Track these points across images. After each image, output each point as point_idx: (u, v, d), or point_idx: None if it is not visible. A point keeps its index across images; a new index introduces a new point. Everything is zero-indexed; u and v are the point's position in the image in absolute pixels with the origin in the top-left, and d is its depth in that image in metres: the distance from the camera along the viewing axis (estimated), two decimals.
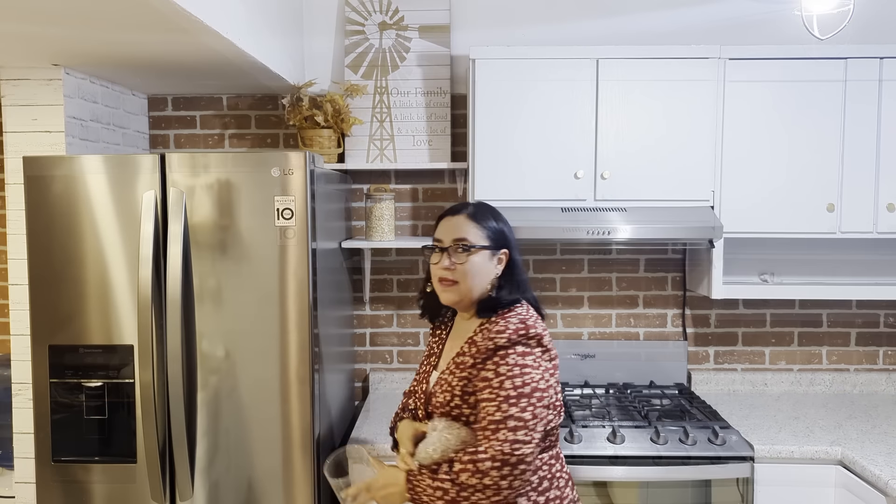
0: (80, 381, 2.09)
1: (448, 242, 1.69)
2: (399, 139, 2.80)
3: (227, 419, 2.08)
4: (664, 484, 2.23)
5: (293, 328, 2.07)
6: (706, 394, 2.82)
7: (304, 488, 2.08)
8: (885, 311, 2.87)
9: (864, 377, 2.85)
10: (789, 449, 2.22)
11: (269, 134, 2.90)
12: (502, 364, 1.57)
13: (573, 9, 2.80)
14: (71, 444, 2.10)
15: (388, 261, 2.91)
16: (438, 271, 1.70)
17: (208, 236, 2.06)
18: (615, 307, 2.90)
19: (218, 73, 2.46)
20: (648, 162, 2.49)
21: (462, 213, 1.73)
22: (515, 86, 2.48)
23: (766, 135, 2.50)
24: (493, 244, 1.70)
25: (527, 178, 2.50)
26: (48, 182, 2.07)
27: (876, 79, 2.46)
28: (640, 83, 2.48)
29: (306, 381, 2.08)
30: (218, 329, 2.07)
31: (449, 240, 1.70)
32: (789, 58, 2.48)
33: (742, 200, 2.50)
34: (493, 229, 1.71)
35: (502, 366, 1.57)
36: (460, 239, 1.68)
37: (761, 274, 2.77)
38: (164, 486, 2.06)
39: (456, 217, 1.72)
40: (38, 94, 2.31)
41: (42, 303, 2.09)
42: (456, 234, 1.69)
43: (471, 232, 1.69)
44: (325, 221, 2.30)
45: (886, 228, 2.49)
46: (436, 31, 2.79)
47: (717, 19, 2.77)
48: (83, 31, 1.91)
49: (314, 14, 2.84)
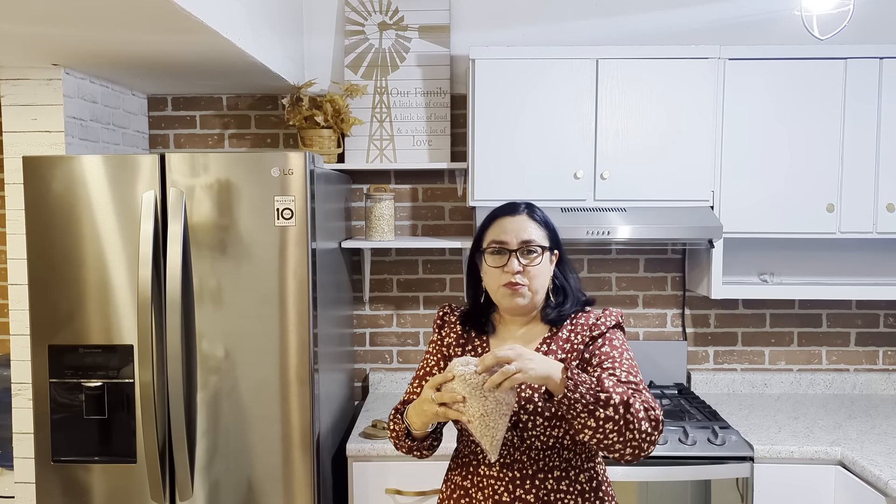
0: (80, 381, 2.09)
1: (515, 244, 1.59)
2: (399, 139, 2.80)
3: (227, 419, 2.08)
4: (664, 484, 2.23)
5: (293, 328, 2.07)
6: (706, 394, 2.82)
7: (304, 488, 2.08)
8: (885, 312, 2.87)
9: (863, 377, 2.85)
10: (789, 449, 2.22)
11: (269, 134, 2.90)
12: (615, 340, 1.58)
13: (573, 9, 2.80)
14: (71, 444, 2.10)
15: (387, 261, 2.91)
16: (505, 276, 1.58)
17: (208, 236, 2.06)
18: (615, 307, 2.89)
19: (218, 73, 2.46)
20: (648, 162, 2.49)
21: (522, 212, 1.64)
22: (515, 86, 2.48)
23: (765, 135, 2.50)
24: (552, 244, 1.64)
25: (526, 178, 2.50)
26: (48, 182, 2.07)
27: (876, 79, 2.46)
28: (640, 83, 2.48)
29: (306, 381, 2.08)
30: (218, 329, 2.07)
31: (516, 241, 1.59)
32: (789, 58, 2.48)
33: (742, 200, 2.50)
34: (550, 228, 1.66)
35: (615, 340, 1.57)
36: (528, 241, 1.60)
37: (761, 274, 2.77)
38: (163, 486, 2.06)
39: (517, 217, 1.63)
40: (37, 94, 2.30)
41: (42, 303, 2.09)
42: (523, 236, 1.60)
43: (534, 232, 1.61)
44: (324, 221, 2.30)
45: (886, 228, 2.49)
46: (435, 31, 2.79)
47: (717, 19, 2.77)
48: (83, 31, 1.91)
49: (314, 14, 2.84)
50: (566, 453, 1.55)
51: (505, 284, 1.58)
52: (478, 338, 1.69)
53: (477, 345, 1.67)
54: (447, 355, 1.69)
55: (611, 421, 1.37)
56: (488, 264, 1.62)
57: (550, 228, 1.66)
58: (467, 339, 1.69)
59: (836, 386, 2.85)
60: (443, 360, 1.70)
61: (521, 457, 1.54)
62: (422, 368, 1.73)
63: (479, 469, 1.59)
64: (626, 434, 1.39)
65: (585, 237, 2.39)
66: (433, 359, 1.72)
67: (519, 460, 1.54)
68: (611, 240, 2.52)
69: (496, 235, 1.62)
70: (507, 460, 1.55)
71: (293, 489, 2.09)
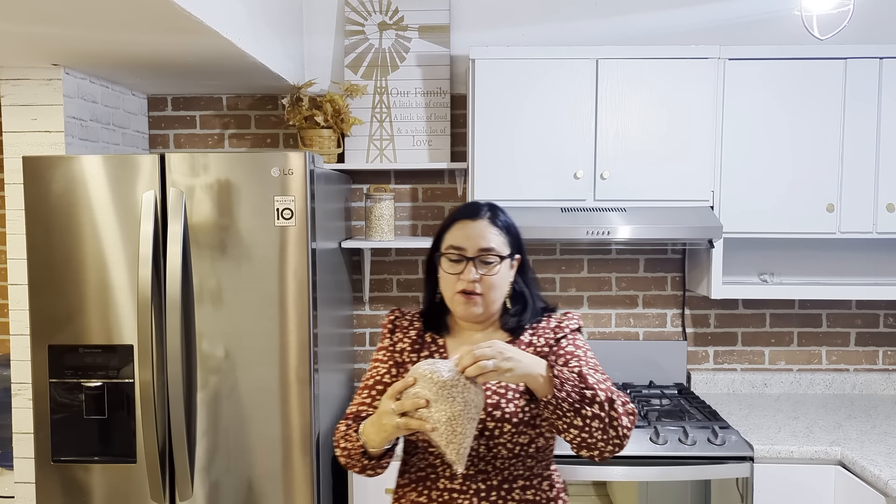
0: (80, 381, 2.09)
1: (473, 252, 1.51)
2: (399, 139, 2.80)
3: (227, 419, 2.08)
4: (664, 484, 2.23)
5: (293, 328, 2.07)
6: (706, 394, 2.82)
7: (304, 488, 2.08)
8: (885, 312, 2.87)
9: (863, 377, 2.85)
10: (789, 449, 2.22)
11: (268, 134, 2.90)
12: (577, 340, 1.57)
13: (573, 9, 2.80)
14: (70, 444, 2.10)
15: (387, 261, 2.91)
16: (461, 283, 1.51)
17: (208, 236, 2.06)
18: (615, 307, 2.90)
19: (218, 73, 2.46)
20: (648, 162, 2.49)
21: (482, 216, 1.55)
22: (515, 86, 2.48)
23: (765, 135, 2.50)
24: (513, 250, 1.57)
25: (526, 178, 2.50)
26: (48, 182, 2.07)
27: (876, 79, 2.46)
28: (640, 83, 2.48)
29: (306, 381, 2.08)
30: (218, 329, 2.07)
31: (474, 249, 1.52)
32: (789, 58, 2.48)
33: (742, 200, 2.50)
34: (512, 233, 1.58)
35: (578, 341, 1.57)
36: (487, 249, 1.52)
37: (761, 274, 2.77)
38: (163, 486, 2.06)
39: (478, 222, 1.54)
40: (37, 94, 2.30)
41: (41, 303, 2.09)
42: (482, 244, 1.52)
43: (494, 239, 1.53)
44: (324, 221, 2.30)
45: (886, 228, 2.49)
46: (435, 31, 2.79)
47: (717, 19, 2.77)
48: (83, 31, 1.91)
49: (314, 14, 2.84)
50: (529, 461, 1.51)
51: (460, 292, 1.52)
52: (434, 342, 1.61)
53: (434, 350, 1.59)
54: (400, 362, 1.60)
55: (597, 419, 1.35)
56: (445, 270, 1.55)
57: (512, 233, 1.58)
58: (422, 343, 1.61)
59: (835, 386, 2.85)
60: (395, 367, 1.60)
61: (486, 467, 1.48)
62: (371, 378, 1.61)
63: (437, 483, 1.51)
64: (610, 431, 1.36)
65: (585, 237, 2.39)
66: (384, 367, 1.60)
67: (484, 471, 1.48)
68: (611, 240, 2.52)
69: (455, 240, 1.54)
70: (471, 471, 1.48)
71: (293, 489, 2.09)
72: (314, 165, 2.14)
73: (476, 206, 1.59)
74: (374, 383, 1.59)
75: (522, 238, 1.62)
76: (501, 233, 1.55)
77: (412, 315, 1.67)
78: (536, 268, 2.88)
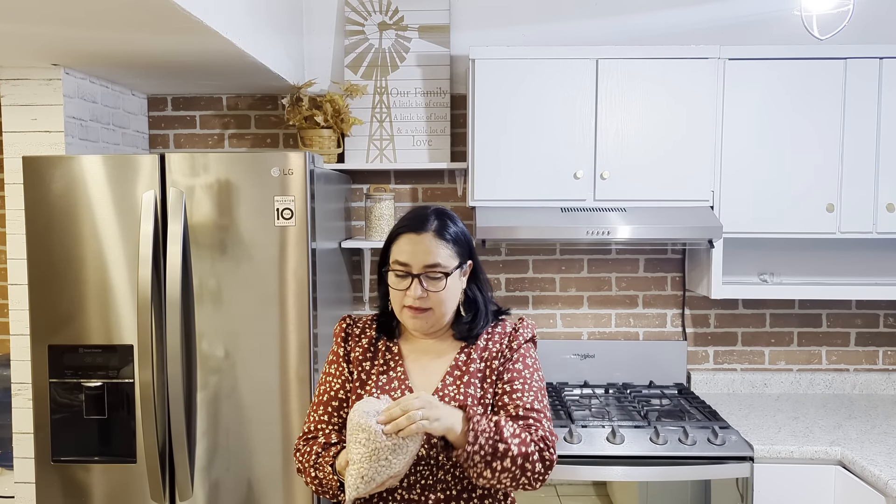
0: (80, 381, 2.09)
1: (418, 268, 1.47)
2: (399, 139, 2.80)
3: (227, 419, 2.08)
4: (664, 484, 2.24)
5: (293, 328, 2.07)
6: (706, 394, 2.82)
7: (304, 488, 2.08)
8: (885, 312, 2.87)
9: (863, 377, 2.85)
10: (789, 449, 2.22)
11: (268, 134, 2.90)
12: (527, 358, 1.55)
13: (573, 9, 2.80)
14: (70, 445, 2.10)
15: None
16: (408, 299, 1.48)
17: (208, 236, 2.06)
18: (615, 307, 2.90)
19: (218, 73, 2.46)
20: (648, 162, 2.49)
21: (427, 230, 1.49)
22: (515, 86, 2.48)
23: (765, 135, 2.50)
24: (462, 259, 1.52)
25: (526, 178, 2.50)
26: (48, 182, 2.07)
27: (876, 79, 2.46)
28: (640, 83, 2.48)
29: (306, 381, 2.08)
30: (218, 329, 2.07)
31: (419, 265, 1.47)
32: (789, 58, 2.48)
33: (742, 200, 2.50)
34: (460, 243, 1.52)
35: (528, 359, 1.55)
36: (433, 265, 1.47)
37: (761, 274, 2.77)
38: (163, 486, 2.06)
39: (422, 236, 1.48)
40: (37, 94, 2.31)
41: (41, 303, 2.09)
42: (428, 260, 1.47)
43: (441, 254, 1.47)
44: (324, 221, 2.30)
45: (886, 228, 2.49)
46: (435, 31, 2.79)
47: (717, 19, 2.77)
48: (83, 31, 1.91)
49: (314, 14, 2.84)
50: None
51: (406, 307, 1.49)
52: (388, 351, 1.57)
53: (389, 358, 1.56)
54: (352, 371, 1.56)
55: (507, 472, 1.38)
56: (391, 285, 1.51)
57: (461, 243, 1.53)
58: (374, 352, 1.57)
59: (835, 386, 2.85)
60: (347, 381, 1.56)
61: (444, 476, 1.46)
62: (325, 393, 1.56)
63: (394, 493, 1.46)
64: (521, 479, 1.40)
65: (585, 237, 2.39)
66: (337, 381, 1.57)
67: (443, 480, 1.46)
68: (611, 240, 2.52)
69: (400, 255, 1.49)
70: (430, 481, 1.46)
71: (293, 489, 2.09)
72: (314, 165, 2.14)
73: (422, 216, 1.52)
74: (329, 399, 1.56)
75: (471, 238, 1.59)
76: (449, 245, 1.50)
77: (363, 322, 1.63)
78: (536, 268, 2.88)
